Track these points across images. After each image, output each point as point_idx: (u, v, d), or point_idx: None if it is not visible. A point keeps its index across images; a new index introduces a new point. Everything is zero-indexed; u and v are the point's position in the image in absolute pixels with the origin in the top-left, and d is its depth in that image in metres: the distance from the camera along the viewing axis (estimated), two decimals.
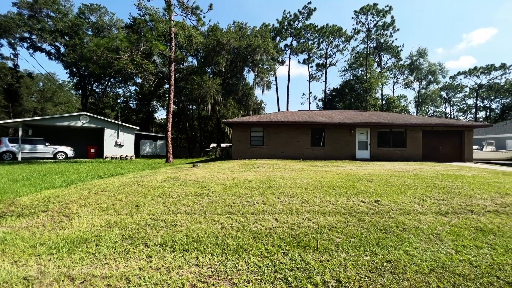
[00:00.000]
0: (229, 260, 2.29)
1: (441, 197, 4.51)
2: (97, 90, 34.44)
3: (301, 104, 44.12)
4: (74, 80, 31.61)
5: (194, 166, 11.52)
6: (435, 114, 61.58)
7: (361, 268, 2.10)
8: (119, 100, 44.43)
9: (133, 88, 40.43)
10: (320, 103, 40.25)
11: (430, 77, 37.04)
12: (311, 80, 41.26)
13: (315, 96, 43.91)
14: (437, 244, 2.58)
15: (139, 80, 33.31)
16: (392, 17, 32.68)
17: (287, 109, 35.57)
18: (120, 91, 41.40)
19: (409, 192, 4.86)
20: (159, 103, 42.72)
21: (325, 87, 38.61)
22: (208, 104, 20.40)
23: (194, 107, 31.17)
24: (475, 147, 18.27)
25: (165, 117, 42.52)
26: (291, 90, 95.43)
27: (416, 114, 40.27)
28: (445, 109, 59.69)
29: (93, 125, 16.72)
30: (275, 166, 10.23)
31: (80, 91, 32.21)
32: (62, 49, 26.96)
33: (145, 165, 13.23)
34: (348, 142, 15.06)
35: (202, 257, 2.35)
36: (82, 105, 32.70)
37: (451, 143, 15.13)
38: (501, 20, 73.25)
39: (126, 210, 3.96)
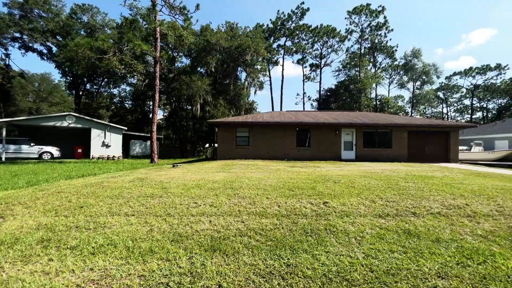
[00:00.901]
0: (129, 264, 2.24)
1: (394, 198, 4.45)
2: (90, 90, 34.34)
3: (296, 104, 43.98)
4: (67, 80, 31.53)
5: (174, 166, 11.47)
6: (432, 114, 61.58)
7: (254, 273, 2.05)
8: (115, 100, 44.38)
9: (128, 88, 40.46)
10: (315, 104, 40.23)
11: (424, 77, 36.96)
12: (307, 80, 41.26)
13: (309, 96, 43.84)
14: (353, 247, 2.52)
15: (133, 80, 33.38)
16: (385, 17, 32.68)
17: (281, 109, 35.54)
18: (115, 91, 41.39)
19: (365, 194, 4.81)
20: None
21: (320, 88, 38.60)
22: (197, 104, 20.35)
23: (190, 107, 31.17)
24: (464, 147, 18.20)
25: (162, 117, 42.33)
26: (289, 90, 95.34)
27: (411, 115, 40.22)
28: (442, 109, 59.68)
29: (79, 125, 16.67)
30: (254, 167, 10.18)
31: (74, 91, 32.13)
32: (54, 49, 26.94)
33: (128, 165, 13.17)
34: (333, 143, 15.01)
35: (103, 261, 2.29)
36: (75, 105, 32.68)
37: (437, 143, 15.07)
38: (501, 21, 73.15)
39: (67, 212, 3.90)
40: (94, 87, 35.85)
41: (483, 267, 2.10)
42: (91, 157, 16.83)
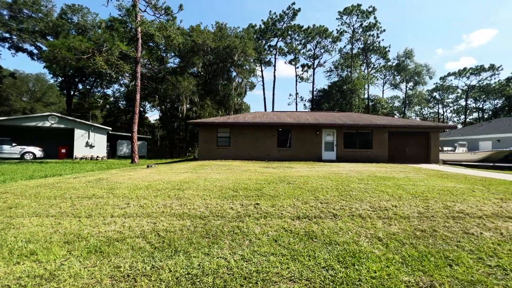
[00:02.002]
0: None
1: (329, 200, 4.43)
2: (82, 90, 34.37)
3: (288, 105, 43.89)
4: (58, 81, 31.57)
5: (148, 167, 11.47)
6: (429, 115, 61.48)
7: (110, 276, 2.02)
8: (111, 100, 44.39)
9: (122, 88, 40.47)
10: (308, 104, 40.20)
11: (416, 78, 36.89)
12: (300, 81, 41.23)
13: (302, 97, 43.85)
14: (238, 250, 2.49)
15: (126, 81, 33.36)
16: (375, 17, 32.62)
17: (273, 109, 35.50)
18: (109, 91, 41.40)
19: (305, 195, 4.78)
20: (149, 104, 42.72)
21: (313, 88, 38.57)
22: (183, 105, 20.34)
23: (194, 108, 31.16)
24: (449, 148, 18.15)
25: (158, 117, 42.18)
26: (283, 91, 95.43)
27: (403, 116, 40.14)
28: (438, 110, 59.62)
29: (62, 126, 16.67)
30: (225, 168, 10.16)
31: (65, 91, 32.17)
32: (45, 49, 26.96)
33: (105, 166, 13.16)
34: (314, 143, 14.98)
35: None
36: (67, 105, 32.71)
37: (418, 144, 15.04)
38: (502, 21, 72.99)
39: None
40: (87, 87, 35.81)
41: (346, 270, 2.07)
42: (74, 158, 16.83)
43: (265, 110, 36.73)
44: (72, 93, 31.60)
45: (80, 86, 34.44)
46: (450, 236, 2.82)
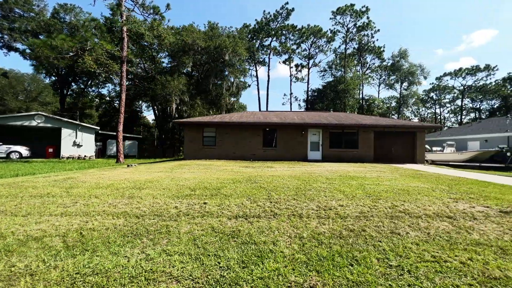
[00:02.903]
0: None
1: (283, 199, 4.39)
2: (75, 90, 34.33)
3: (283, 104, 43.79)
4: (51, 80, 31.54)
5: (128, 166, 11.44)
6: (429, 115, 61.34)
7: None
8: (107, 99, 44.36)
9: (118, 88, 40.39)
10: (303, 104, 40.14)
11: (410, 78, 36.79)
12: (296, 81, 41.22)
13: (296, 97, 43.66)
14: (150, 249, 2.45)
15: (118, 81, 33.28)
16: (368, 17, 32.54)
17: (267, 109, 35.45)
18: (105, 91, 41.40)
19: (260, 195, 4.74)
20: (146, 104, 42.66)
21: (308, 88, 38.50)
22: (172, 104, 20.31)
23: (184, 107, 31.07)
24: (438, 148, 18.10)
25: (153, 117, 42.12)
26: (281, 90, 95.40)
27: (398, 116, 40.08)
28: (435, 110, 59.50)
29: (49, 125, 16.64)
30: (203, 167, 10.13)
31: (59, 91, 32.15)
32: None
33: (90, 165, 13.13)
34: (300, 143, 14.93)
35: None
36: (60, 105, 32.69)
37: (404, 144, 14.99)
38: (502, 21, 72.81)
39: None
40: (81, 86, 35.77)
41: (241, 270, 2.03)
42: (61, 157, 16.80)
43: (260, 109, 36.70)
44: (65, 92, 31.55)
45: (74, 86, 34.34)
46: (375, 235, 2.78)
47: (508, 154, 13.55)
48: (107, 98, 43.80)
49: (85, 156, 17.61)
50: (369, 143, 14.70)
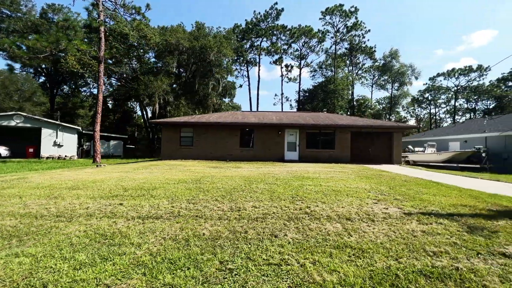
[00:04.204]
0: None
1: (203, 200, 4.36)
2: (65, 90, 34.33)
3: (274, 105, 43.75)
4: (40, 80, 31.57)
5: (97, 166, 11.44)
6: (425, 115, 61.19)
7: None
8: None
9: (111, 88, 40.39)
10: (295, 104, 40.10)
11: (400, 78, 36.71)
12: (288, 81, 41.21)
13: (287, 97, 43.61)
14: (4, 249, 2.43)
15: (114, 80, 33.26)
16: (356, 18, 32.47)
17: (257, 109, 35.42)
18: (96, 91, 41.35)
19: (186, 196, 4.72)
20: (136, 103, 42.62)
21: (299, 88, 38.46)
22: (155, 104, 20.30)
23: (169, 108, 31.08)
24: (420, 149, 18.04)
25: (150, 117, 42.44)
26: (275, 91, 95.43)
27: (389, 117, 40.00)
28: (430, 110, 59.36)
29: (28, 125, 16.64)
30: (168, 167, 10.12)
31: (49, 91, 32.16)
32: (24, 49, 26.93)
33: (63, 164, 13.12)
34: (277, 143, 14.90)
35: None
36: (50, 105, 32.70)
37: (381, 144, 14.95)
38: (502, 22, 72.53)
39: None
40: (72, 86, 35.77)
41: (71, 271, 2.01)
42: (40, 157, 16.80)
43: (251, 110, 36.67)
44: (55, 92, 31.56)
45: (65, 86, 34.34)
46: (251, 237, 2.75)
47: (484, 154, 13.49)
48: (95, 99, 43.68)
49: (65, 156, 17.60)
50: (346, 143, 14.66)
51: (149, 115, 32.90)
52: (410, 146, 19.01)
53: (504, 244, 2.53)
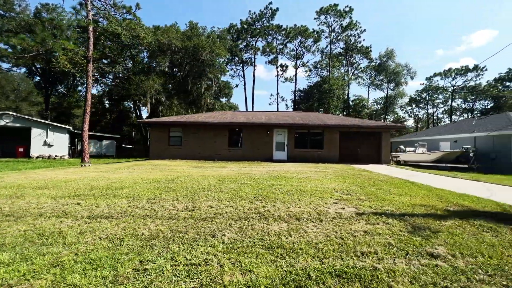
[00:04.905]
0: None
1: (157, 199, 4.34)
2: (59, 90, 34.31)
3: (270, 105, 43.72)
4: (35, 80, 31.56)
5: (82, 166, 11.43)
6: (423, 115, 61.13)
7: None
8: (97, 98, 44.19)
9: (107, 88, 40.35)
10: (291, 104, 40.07)
11: (395, 78, 36.62)
12: (284, 81, 41.16)
13: (282, 97, 43.49)
14: None
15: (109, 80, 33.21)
16: (350, 17, 32.42)
17: (253, 109, 35.40)
18: (94, 91, 41.32)
19: (149, 195, 4.70)
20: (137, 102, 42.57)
21: (295, 88, 38.43)
22: (147, 104, 20.28)
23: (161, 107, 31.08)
24: (411, 149, 18.00)
25: (147, 117, 42.38)
26: (272, 91, 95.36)
27: (385, 117, 39.95)
28: (427, 110, 59.30)
29: (18, 125, 16.63)
30: (152, 167, 10.12)
31: (44, 90, 32.16)
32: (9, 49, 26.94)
33: (49, 164, 13.10)
34: (266, 143, 14.87)
35: None
36: (45, 105, 32.70)
37: (370, 144, 14.92)
38: (502, 22, 72.34)
39: None
40: (68, 86, 35.75)
41: None
42: (30, 157, 16.79)
43: (246, 109, 36.66)
44: (49, 92, 31.55)
45: (61, 86, 34.32)
46: (187, 237, 2.72)
47: (471, 154, 13.45)
48: (94, 99, 43.73)
49: (56, 156, 17.59)
50: (335, 143, 14.63)
51: (146, 114, 32.99)
52: (402, 146, 18.95)
53: (437, 245, 2.51)
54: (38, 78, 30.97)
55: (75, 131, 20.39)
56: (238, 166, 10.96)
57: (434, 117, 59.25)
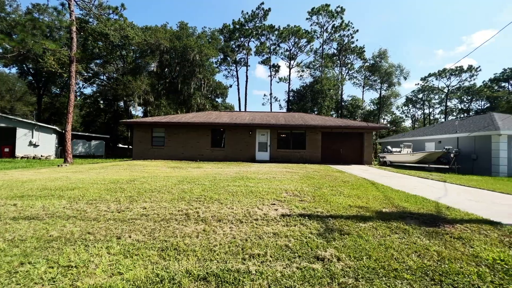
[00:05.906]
0: None
1: (102, 199, 4.33)
2: (52, 90, 34.33)
3: (263, 105, 43.72)
4: (27, 80, 31.60)
5: (59, 166, 11.43)
6: (420, 116, 61.06)
7: None
8: (92, 99, 44.27)
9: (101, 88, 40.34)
10: (285, 104, 40.03)
11: (389, 78, 36.60)
12: (279, 81, 41.15)
13: (275, 97, 43.50)
14: None
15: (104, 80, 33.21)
16: (342, 18, 32.46)
17: (245, 110, 35.39)
18: (89, 91, 41.41)
19: (102, 195, 4.69)
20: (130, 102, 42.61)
21: (289, 88, 38.39)
22: (135, 104, 20.30)
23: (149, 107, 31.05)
24: (397, 149, 17.97)
25: (141, 117, 42.16)
26: (268, 91, 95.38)
27: (379, 117, 39.93)
28: (423, 110, 59.26)
29: (3, 125, 16.64)
30: (128, 167, 10.14)
31: (36, 91, 32.19)
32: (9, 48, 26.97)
33: (29, 165, 13.10)
34: (248, 144, 14.87)
35: None
36: (37, 105, 32.74)
37: (352, 145, 14.90)
38: (503, 22, 72.32)
39: None
40: (61, 86, 35.75)
41: None
42: (15, 157, 16.80)
43: (239, 109, 36.65)
44: (41, 92, 31.58)
45: (53, 86, 34.35)
46: (91, 238, 2.72)
47: (452, 155, 13.42)
48: (90, 99, 43.80)
49: (41, 156, 17.60)
50: (317, 143, 14.62)
51: (141, 115, 32.98)
52: (389, 147, 18.92)
53: (332, 247, 2.50)
54: (30, 78, 30.90)
55: (64, 131, 20.40)
56: (215, 166, 10.96)
57: (431, 118, 59.26)
